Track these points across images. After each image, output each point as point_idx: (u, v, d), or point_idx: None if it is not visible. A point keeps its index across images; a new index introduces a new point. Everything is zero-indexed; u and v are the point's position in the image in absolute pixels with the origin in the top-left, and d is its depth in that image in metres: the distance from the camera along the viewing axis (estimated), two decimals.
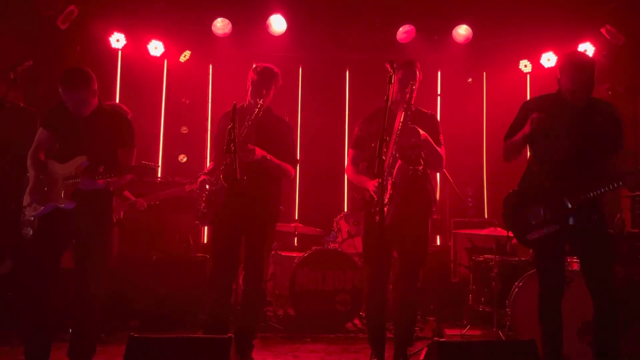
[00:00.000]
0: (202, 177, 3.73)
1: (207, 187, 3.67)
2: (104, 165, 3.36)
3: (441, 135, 3.66)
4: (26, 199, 3.49)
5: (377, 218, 2.99)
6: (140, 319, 4.89)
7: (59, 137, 3.53)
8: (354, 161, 3.74)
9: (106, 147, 3.46)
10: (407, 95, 3.47)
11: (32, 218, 3.42)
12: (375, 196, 3.33)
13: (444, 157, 3.62)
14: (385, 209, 3.20)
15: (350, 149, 3.84)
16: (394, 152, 3.38)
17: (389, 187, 3.34)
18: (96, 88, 3.46)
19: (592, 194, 3.01)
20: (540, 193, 3.16)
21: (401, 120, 3.41)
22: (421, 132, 3.43)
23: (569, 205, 3.06)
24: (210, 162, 4.22)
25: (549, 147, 3.17)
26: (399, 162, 3.33)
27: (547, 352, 3.12)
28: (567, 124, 3.14)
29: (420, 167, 3.40)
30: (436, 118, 3.79)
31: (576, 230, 3.09)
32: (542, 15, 6.14)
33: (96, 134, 3.44)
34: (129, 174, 3.47)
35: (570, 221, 3.06)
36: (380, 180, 2.85)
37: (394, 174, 3.34)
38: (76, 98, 3.37)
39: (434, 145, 3.54)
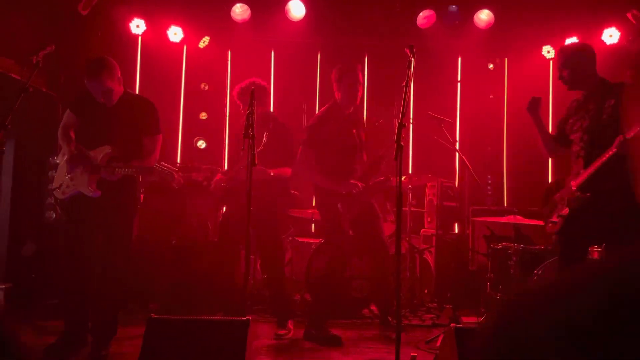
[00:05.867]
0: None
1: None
2: (129, 154, 3.44)
3: None
4: (57, 181, 3.54)
5: None
6: (160, 302, 4.97)
7: (85, 124, 3.57)
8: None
9: (132, 135, 3.52)
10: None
11: (64, 198, 3.49)
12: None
13: None
14: None
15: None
16: None
17: None
18: (120, 76, 3.49)
19: (590, 174, 3.00)
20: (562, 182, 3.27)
21: None
22: None
23: (573, 188, 3.10)
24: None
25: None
26: None
27: None
28: (580, 114, 3.23)
29: None
30: None
31: (593, 215, 3.05)
32: (566, 0, 6.01)
33: (122, 123, 3.49)
34: (154, 157, 3.55)
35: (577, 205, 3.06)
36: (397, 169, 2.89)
37: None
38: (101, 88, 3.40)
39: None
